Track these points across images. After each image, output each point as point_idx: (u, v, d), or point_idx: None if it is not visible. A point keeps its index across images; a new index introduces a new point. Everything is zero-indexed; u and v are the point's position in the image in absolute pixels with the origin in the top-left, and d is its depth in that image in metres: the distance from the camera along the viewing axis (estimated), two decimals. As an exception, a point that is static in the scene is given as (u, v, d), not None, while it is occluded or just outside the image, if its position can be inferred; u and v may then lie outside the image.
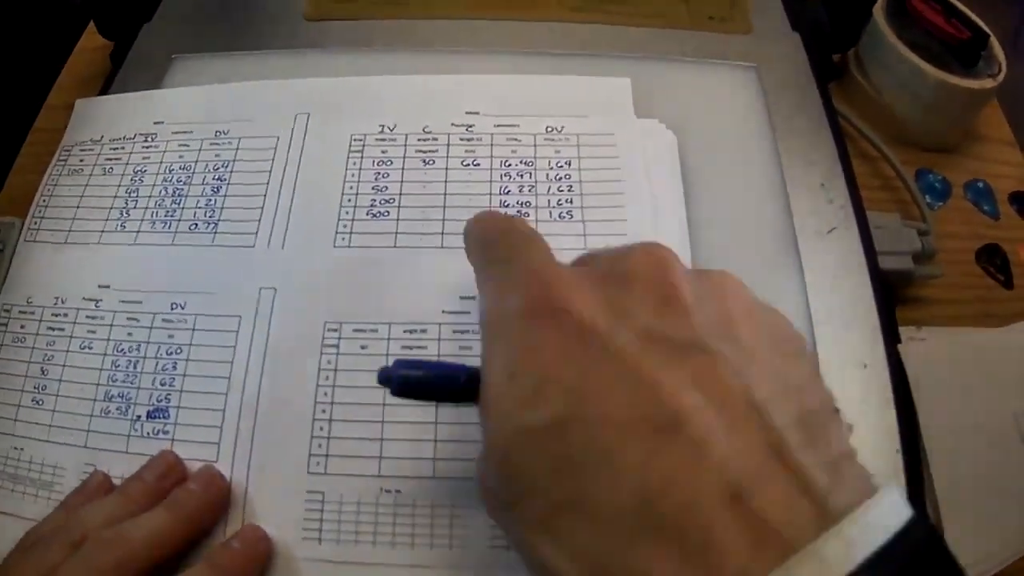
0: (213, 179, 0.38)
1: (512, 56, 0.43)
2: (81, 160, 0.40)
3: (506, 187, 0.36)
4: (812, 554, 0.17)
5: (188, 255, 0.36)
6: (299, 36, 0.45)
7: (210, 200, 0.37)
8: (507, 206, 0.35)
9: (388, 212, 0.36)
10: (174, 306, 0.34)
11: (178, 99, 0.42)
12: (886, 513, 0.18)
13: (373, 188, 0.36)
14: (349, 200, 0.36)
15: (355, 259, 0.35)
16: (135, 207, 0.37)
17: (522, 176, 0.36)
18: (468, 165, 0.37)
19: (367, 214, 0.36)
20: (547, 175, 0.36)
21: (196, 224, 0.36)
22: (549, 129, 0.38)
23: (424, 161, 0.37)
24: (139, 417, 0.32)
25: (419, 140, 0.38)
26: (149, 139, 0.40)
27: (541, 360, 0.20)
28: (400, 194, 0.36)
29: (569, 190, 0.36)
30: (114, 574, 0.26)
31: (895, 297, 0.40)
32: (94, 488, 0.30)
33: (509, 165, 0.37)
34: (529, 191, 0.36)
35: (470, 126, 0.38)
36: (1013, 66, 0.45)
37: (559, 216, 0.35)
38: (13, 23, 0.56)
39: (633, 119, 0.39)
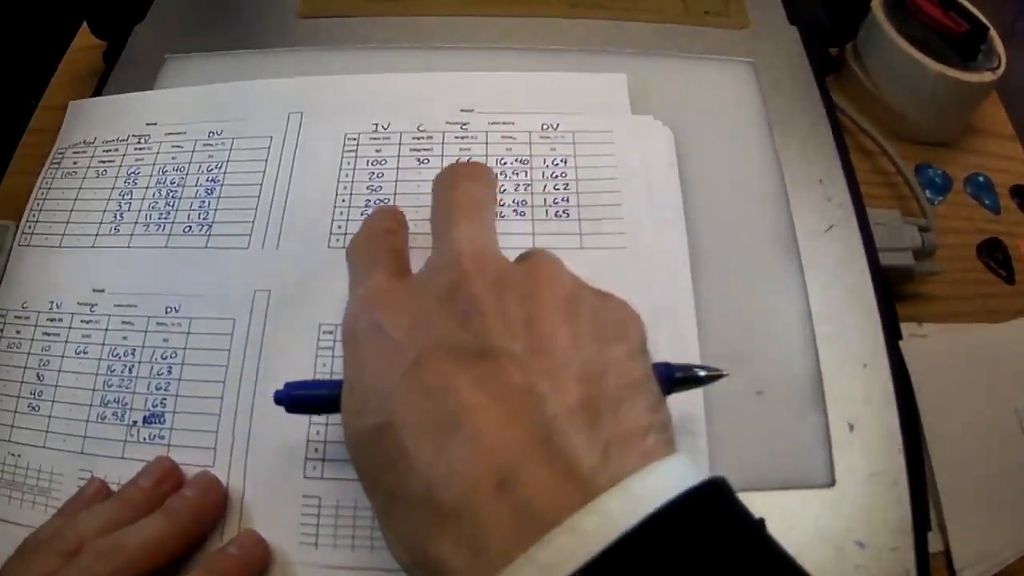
0: (207, 180, 0.37)
1: (507, 53, 0.43)
2: (75, 163, 0.40)
3: (502, 185, 0.36)
4: (569, 529, 0.19)
5: (182, 258, 0.35)
6: (292, 34, 0.45)
7: (204, 202, 0.37)
8: (503, 204, 0.35)
9: (383, 212, 0.35)
10: (169, 309, 0.34)
11: (171, 99, 0.41)
12: (657, 486, 0.20)
13: (367, 188, 0.36)
14: (343, 200, 0.36)
15: None
16: (129, 210, 0.37)
17: (518, 174, 0.36)
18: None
19: (362, 214, 0.35)
20: (543, 173, 0.36)
21: (190, 226, 0.36)
22: (545, 126, 0.37)
23: (419, 160, 0.37)
24: (135, 422, 0.32)
25: (413, 139, 0.38)
26: (142, 140, 0.39)
27: (364, 375, 0.24)
28: (395, 194, 0.36)
29: (565, 188, 0.36)
30: None
31: (896, 293, 0.40)
32: (92, 495, 0.30)
33: (504, 163, 0.36)
34: (525, 189, 0.36)
35: (465, 124, 0.38)
36: (1012, 59, 0.45)
37: (555, 215, 0.35)
38: (6, 24, 0.56)
39: (629, 116, 0.38)
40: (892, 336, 0.35)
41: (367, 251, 0.29)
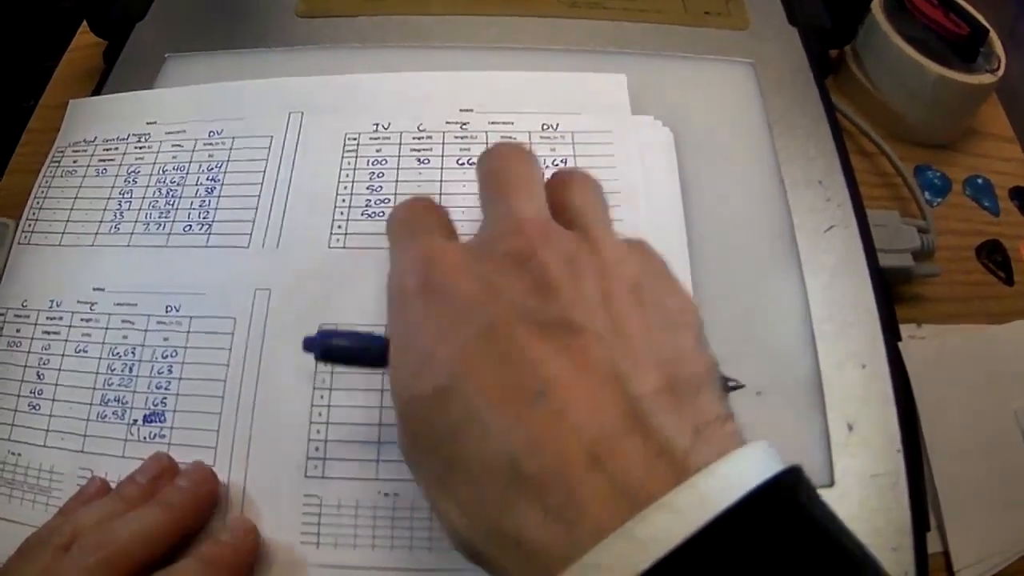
0: (207, 179, 0.37)
1: (507, 53, 0.43)
2: (75, 161, 0.40)
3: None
4: (665, 506, 0.18)
5: (182, 257, 0.35)
6: (292, 34, 0.45)
7: (204, 201, 0.37)
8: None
9: (383, 212, 0.35)
10: (169, 308, 0.34)
11: (171, 99, 0.41)
12: (747, 468, 0.19)
13: (368, 188, 0.36)
14: (344, 200, 0.36)
15: (350, 259, 0.34)
16: (129, 208, 0.37)
17: (519, 175, 0.36)
18: (463, 164, 0.37)
19: (362, 214, 0.36)
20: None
21: (190, 225, 0.36)
22: (544, 126, 0.38)
23: (419, 160, 0.37)
24: (135, 421, 0.32)
25: (414, 138, 0.38)
26: (142, 139, 0.39)
27: (426, 336, 0.23)
28: (395, 193, 0.36)
29: (566, 188, 0.36)
30: (103, 572, 0.26)
31: (895, 295, 0.40)
32: (92, 493, 0.30)
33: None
34: (526, 190, 0.36)
35: (465, 124, 0.38)
36: (1012, 61, 0.45)
37: (556, 215, 0.35)
38: (6, 22, 0.56)
39: (629, 116, 0.38)
40: (891, 337, 0.35)
41: (411, 218, 0.27)
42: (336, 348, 0.26)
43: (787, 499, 0.19)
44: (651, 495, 0.18)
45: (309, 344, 0.27)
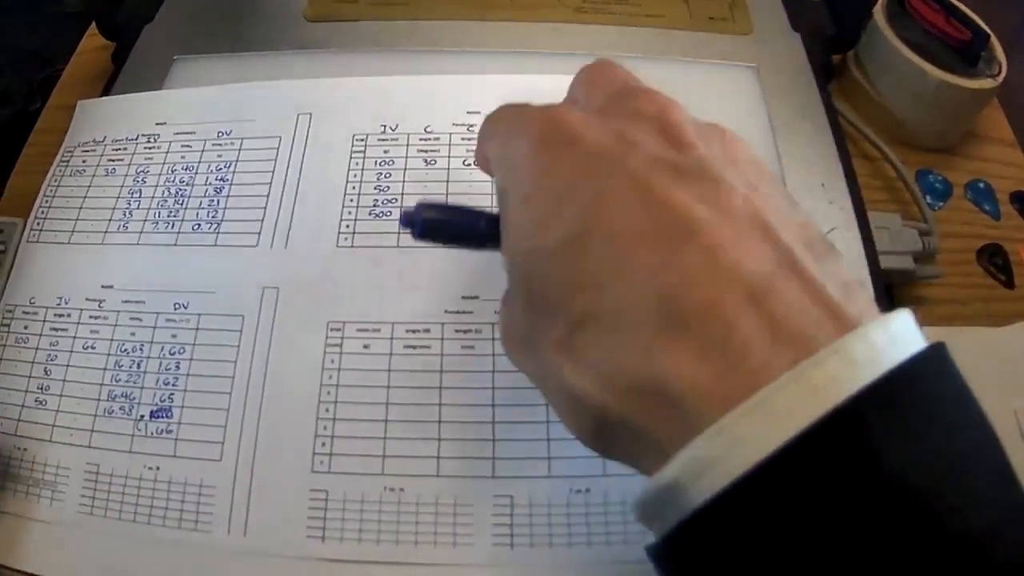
0: (216, 179, 0.38)
1: (513, 56, 0.43)
2: (84, 161, 0.40)
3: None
4: (839, 352, 0.17)
5: (191, 255, 0.36)
6: (300, 37, 0.45)
7: (213, 200, 0.37)
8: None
9: (390, 212, 0.36)
10: (177, 306, 0.34)
11: (180, 100, 0.42)
12: (909, 330, 0.19)
13: (375, 188, 0.37)
14: (351, 200, 0.36)
15: (358, 259, 0.35)
16: (138, 207, 0.37)
17: (524, 176, 0.36)
18: (470, 165, 0.37)
19: (369, 214, 0.36)
20: (549, 175, 0.36)
21: (199, 224, 0.36)
22: (551, 129, 0.38)
23: (426, 161, 0.37)
24: (143, 417, 0.32)
25: (421, 140, 0.38)
26: (151, 140, 0.40)
27: (554, 183, 0.21)
28: (402, 194, 0.36)
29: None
30: None
31: (896, 297, 0.40)
32: None
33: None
34: (531, 191, 0.36)
35: (471, 126, 0.38)
36: (1013, 66, 0.45)
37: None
38: (14, 24, 0.56)
39: (634, 119, 0.39)
40: (893, 338, 0.35)
41: (513, 106, 0.25)
42: (438, 223, 0.24)
43: (948, 365, 0.19)
44: (815, 340, 0.18)
45: (407, 220, 0.24)
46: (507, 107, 0.25)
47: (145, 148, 0.39)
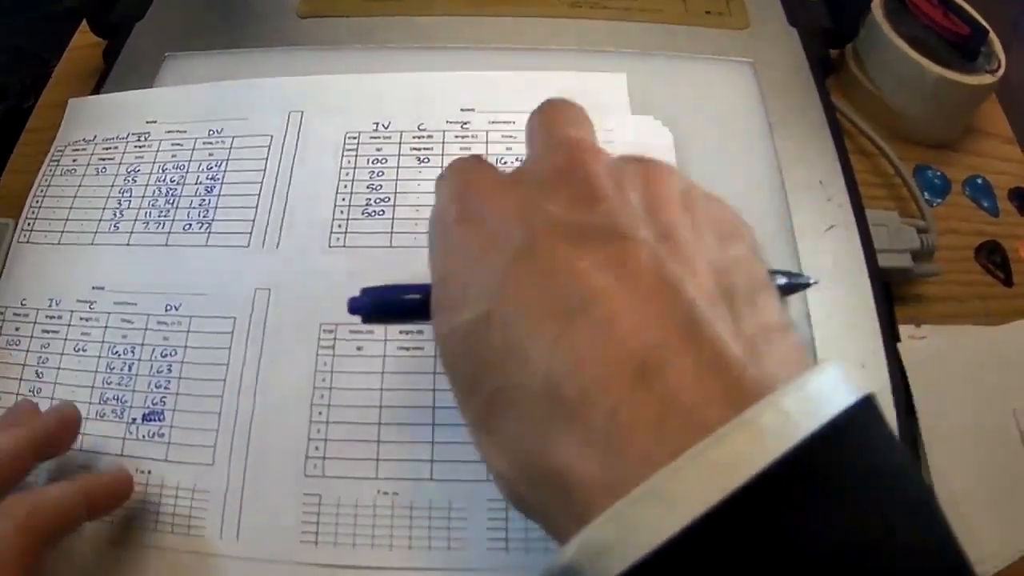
0: (207, 178, 0.37)
1: (507, 52, 0.43)
2: (74, 160, 0.40)
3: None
4: (745, 425, 0.16)
5: (182, 256, 0.35)
6: (292, 33, 0.45)
7: (204, 200, 0.37)
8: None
9: (383, 211, 0.35)
10: (168, 308, 0.34)
11: (171, 98, 0.41)
12: (830, 387, 0.17)
13: (368, 187, 0.36)
14: (344, 199, 0.36)
15: (350, 259, 0.34)
16: (128, 207, 0.37)
17: (518, 174, 0.36)
18: (464, 163, 0.37)
19: (362, 213, 0.36)
20: (544, 173, 0.36)
21: (190, 224, 0.36)
22: (545, 127, 0.37)
23: (419, 159, 0.37)
24: (134, 420, 0.32)
25: (414, 138, 0.38)
26: (142, 138, 0.39)
27: (463, 265, 0.21)
28: (395, 193, 0.36)
29: (566, 188, 0.36)
30: None
31: (894, 295, 0.40)
32: None
33: (505, 163, 0.36)
34: (526, 189, 0.36)
35: (465, 123, 0.38)
36: (1012, 62, 0.45)
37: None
38: (5, 22, 0.56)
39: (629, 116, 0.38)
40: (890, 337, 0.35)
41: (454, 164, 0.25)
42: (383, 305, 0.25)
43: (871, 426, 0.17)
44: (709, 415, 0.16)
45: (354, 307, 0.25)
46: (448, 170, 0.26)
47: (136, 147, 0.39)
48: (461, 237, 0.22)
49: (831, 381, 0.17)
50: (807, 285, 0.26)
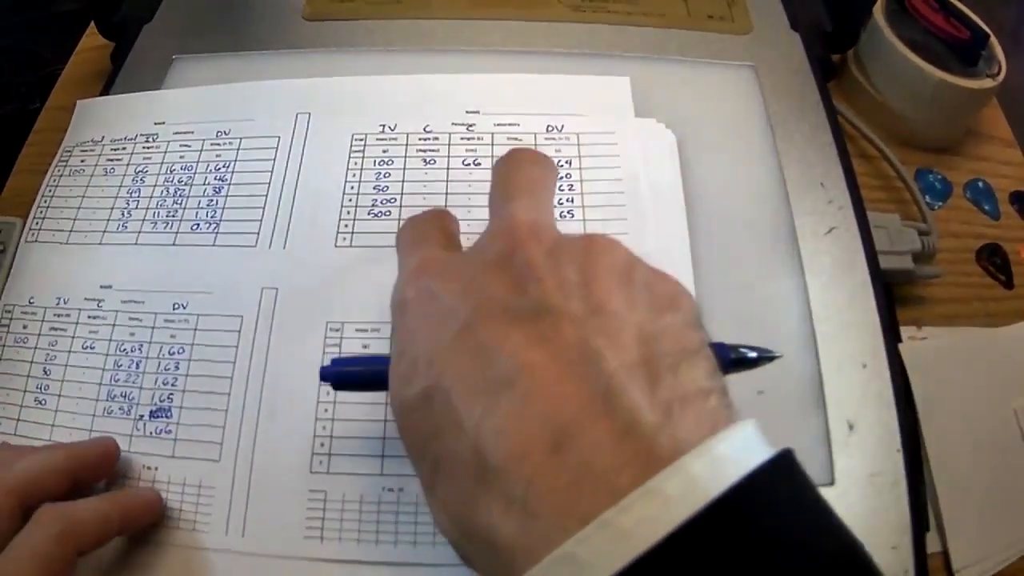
0: (214, 179, 0.38)
1: (512, 55, 0.43)
2: (82, 161, 0.40)
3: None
4: (650, 492, 0.17)
5: (190, 255, 0.36)
6: (299, 36, 0.45)
7: (211, 200, 0.37)
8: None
9: (389, 212, 0.36)
10: (176, 306, 0.34)
11: (179, 99, 0.42)
12: (740, 448, 0.18)
13: (374, 188, 0.37)
14: (350, 200, 0.36)
15: (357, 259, 0.35)
16: (136, 207, 0.37)
17: (523, 176, 0.36)
18: (469, 164, 0.37)
19: (368, 214, 0.36)
20: (548, 175, 0.36)
21: (198, 224, 0.36)
22: (549, 128, 0.38)
23: (425, 160, 0.37)
24: (142, 417, 0.32)
25: (420, 139, 0.38)
26: (150, 139, 0.40)
27: (415, 342, 0.23)
28: (401, 193, 0.36)
29: (570, 189, 0.36)
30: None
31: (895, 297, 0.40)
32: None
33: (510, 165, 0.37)
34: (530, 191, 0.36)
35: (471, 125, 0.38)
36: (1013, 66, 0.45)
37: (560, 215, 0.35)
38: (13, 24, 0.56)
39: (633, 118, 0.39)
40: (892, 338, 0.35)
41: (417, 230, 0.28)
42: (351, 375, 0.27)
43: (781, 486, 0.18)
44: (619, 483, 0.17)
45: (324, 374, 0.27)
46: (404, 238, 0.28)
47: (144, 148, 0.39)
48: (414, 317, 0.24)
49: (741, 442, 0.19)
50: (772, 358, 0.28)
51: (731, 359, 0.27)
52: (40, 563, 0.25)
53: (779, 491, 0.18)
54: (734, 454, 0.18)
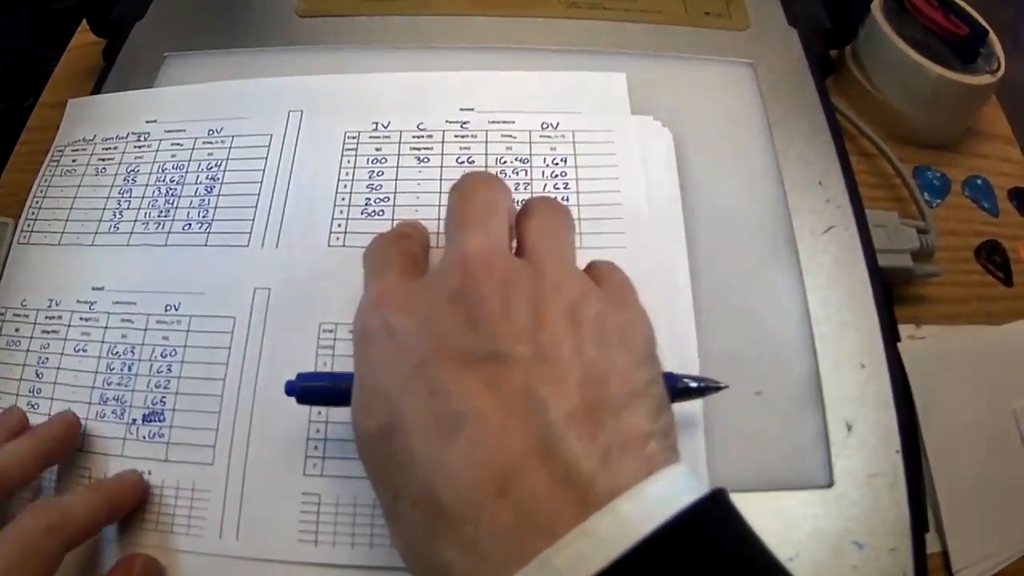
0: (206, 178, 0.37)
1: (506, 52, 0.43)
2: (74, 160, 0.40)
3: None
4: (584, 533, 0.19)
5: (182, 256, 0.35)
6: (291, 33, 0.45)
7: (203, 199, 0.37)
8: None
9: (383, 211, 0.35)
10: (168, 307, 0.34)
11: (171, 97, 0.41)
12: (671, 489, 0.20)
13: (367, 186, 0.36)
14: (343, 199, 0.36)
15: (350, 259, 0.34)
16: (128, 207, 0.37)
17: (517, 173, 0.36)
18: (463, 162, 0.37)
19: (361, 213, 0.36)
20: (543, 172, 0.36)
21: (189, 224, 0.36)
22: (544, 125, 0.38)
23: (419, 159, 0.37)
24: (135, 420, 0.32)
25: (413, 137, 0.38)
26: (142, 138, 0.39)
27: (373, 375, 0.24)
28: (395, 192, 0.36)
29: (565, 187, 0.36)
30: None
31: (894, 295, 0.40)
32: None
33: (504, 162, 0.36)
34: (525, 188, 0.36)
35: (465, 123, 0.38)
36: (1012, 62, 0.45)
37: (556, 215, 0.35)
38: (5, 21, 0.56)
39: (629, 116, 0.38)
40: (890, 337, 0.35)
41: (380, 254, 0.29)
42: (315, 390, 0.28)
43: (713, 524, 0.20)
44: (554, 524, 0.19)
45: (288, 388, 0.28)
46: (369, 260, 0.30)
47: (135, 147, 0.39)
48: (373, 349, 0.25)
49: (672, 485, 0.20)
50: (717, 389, 0.29)
51: (678, 389, 0.28)
52: (27, 554, 0.25)
53: (711, 528, 0.20)
54: (666, 495, 0.20)
